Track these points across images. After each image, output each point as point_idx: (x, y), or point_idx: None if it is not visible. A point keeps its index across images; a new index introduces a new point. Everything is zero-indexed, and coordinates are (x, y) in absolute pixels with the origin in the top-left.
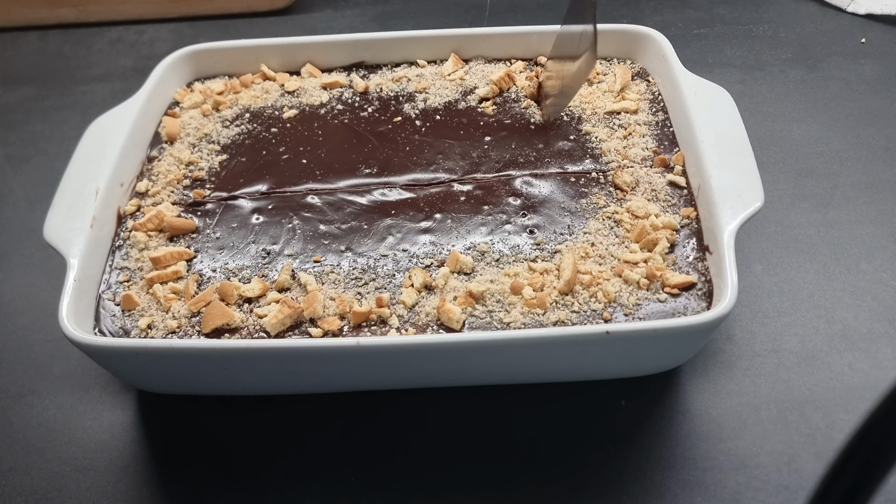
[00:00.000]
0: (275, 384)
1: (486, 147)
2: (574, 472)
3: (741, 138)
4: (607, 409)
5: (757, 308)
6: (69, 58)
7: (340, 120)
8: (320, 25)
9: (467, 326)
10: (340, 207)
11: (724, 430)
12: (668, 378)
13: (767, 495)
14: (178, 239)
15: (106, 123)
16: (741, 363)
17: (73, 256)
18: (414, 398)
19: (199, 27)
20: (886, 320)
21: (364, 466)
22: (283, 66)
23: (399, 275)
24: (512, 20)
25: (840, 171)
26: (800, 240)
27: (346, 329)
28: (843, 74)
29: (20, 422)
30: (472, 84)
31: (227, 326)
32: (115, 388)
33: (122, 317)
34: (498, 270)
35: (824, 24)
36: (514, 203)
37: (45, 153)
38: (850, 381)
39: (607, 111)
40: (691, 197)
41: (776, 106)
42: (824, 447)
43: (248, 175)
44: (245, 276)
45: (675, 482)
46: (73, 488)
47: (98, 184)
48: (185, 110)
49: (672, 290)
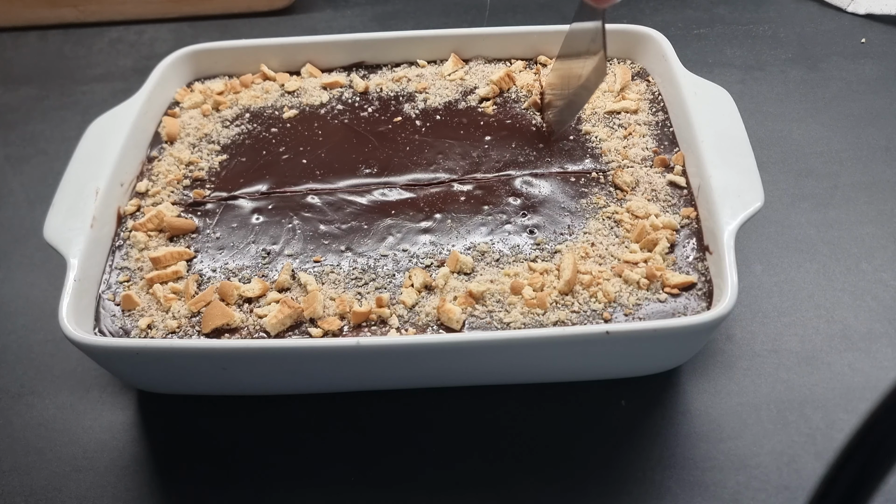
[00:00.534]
0: (275, 384)
1: (487, 147)
2: (574, 472)
3: (741, 138)
4: (607, 409)
5: (757, 308)
6: (69, 58)
7: (340, 120)
8: (320, 25)
9: (467, 326)
10: (340, 207)
11: (724, 430)
12: (668, 378)
13: (767, 495)
14: (178, 239)
15: (106, 123)
16: (741, 363)
17: (73, 256)
18: (414, 398)
19: (199, 27)
20: (886, 320)
21: (364, 466)
22: (283, 66)
23: (399, 275)
24: (512, 20)
25: (840, 171)
26: (800, 240)
27: (346, 329)
28: (843, 74)
29: (20, 422)
30: (472, 84)
31: (227, 326)
32: (115, 388)
33: (122, 317)
34: (498, 270)
35: (824, 24)
36: (515, 203)
37: (45, 153)
38: (850, 381)
39: (607, 111)
40: (691, 197)
41: (776, 106)
42: (824, 447)
43: (248, 175)
44: (245, 276)
45: (675, 482)
46: (73, 488)
47: (98, 184)
48: (185, 110)
49: (672, 290)
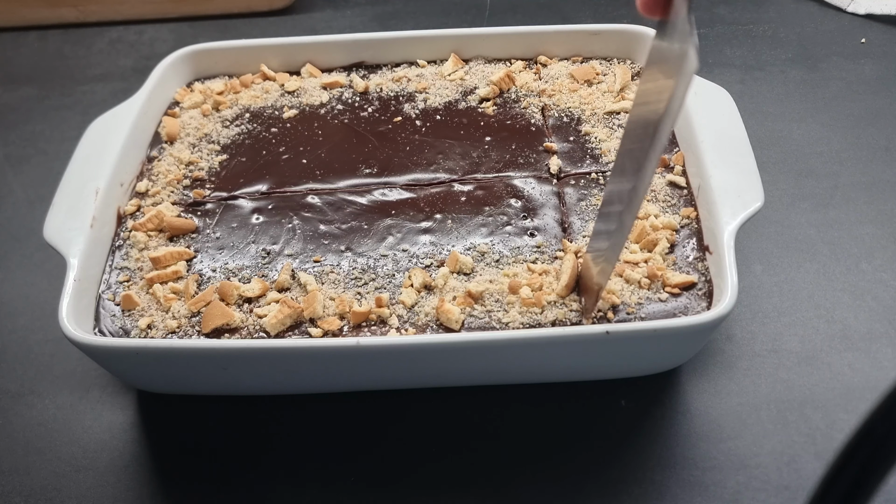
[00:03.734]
0: (275, 384)
1: (487, 147)
2: (574, 472)
3: (741, 138)
4: (607, 409)
5: (757, 308)
6: (69, 58)
7: (340, 120)
8: (320, 25)
9: (466, 326)
10: (340, 207)
11: (724, 430)
12: (668, 378)
13: (767, 495)
14: (178, 239)
15: (106, 123)
16: (741, 363)
17: (73, 256)
18: (413, 398)
19: (199, 27)
20: (886, 320)
21: (364, 466)
22: (283, 66)
23: (399, 275)
24: (512, 20)
25: (840, 171)
26: (800, 240)
27: (345, 329)
28: (843, 74)
29: (20, 422)
30: (472, 84)
31: (227, 326)
32: (115, 388)
33: (122, 317)
34: (497, 271)
35: (824, 24)
36: (515, 204)
37: (45, 153)
38: (850, 381)
39: (607, 111)
40: (691, 197)
41: (776, 106)
42: (824, 447)
43: (248, 175)
44: (245, 276)
45: (675, 482)
46: (73, 488)
47: (98, 184)
48: (185, 110)
49: (672, 290)
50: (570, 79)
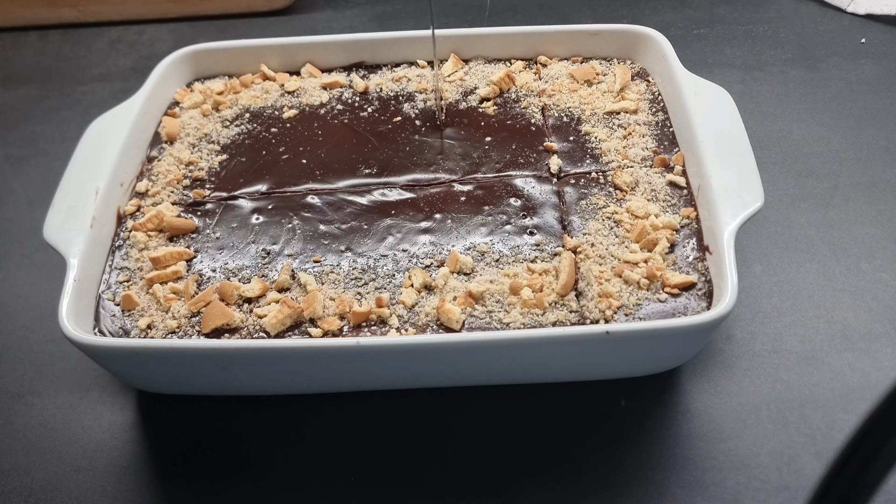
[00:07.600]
0: (275, 384)
1: (487, 147)
2: (574, 472)
3: (741, 138)
4: (607, 409)
5: (757, 308)
6: (69, 58)
7: (340, 120)
8: (320, 25)
9: (467, 326)
10: (340, 207)
11: (724, 430)
12: (668, 378)
13: (767, 495)
14: (178, 239)
15: (106, 123)
16: (741, 363)
17: (73, 256)
18: (413, 398)
19: (199, 27)
20: (886, 320)
21: (364, 466)
22: (283, 66)
23: (399, 275)
24: (512, 20)
25: (840, 171)
26: (800, 240)
27: (345, 329)
28: (843, 74)
29: (20, 422)
30: (472, 84)
31: (226, 326)
32: (115, 388)
33: (122, 317)
34: (498, 271)
35: (824, 24)
36: (515, 204)
37: (45, 153)
38: (850, 381)
39: (607, 111)
40: (691, 197)
41: (776, 106)
42: (824, 447)
43: (248, 175)
44: (245, 276)
45: (675, 482)
46: (73, 488)
47: (98, 184)
48: (185, 110)
49: (672, 290)
50: (570, 79)
